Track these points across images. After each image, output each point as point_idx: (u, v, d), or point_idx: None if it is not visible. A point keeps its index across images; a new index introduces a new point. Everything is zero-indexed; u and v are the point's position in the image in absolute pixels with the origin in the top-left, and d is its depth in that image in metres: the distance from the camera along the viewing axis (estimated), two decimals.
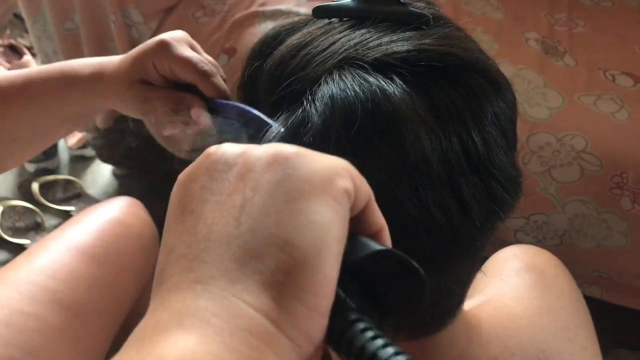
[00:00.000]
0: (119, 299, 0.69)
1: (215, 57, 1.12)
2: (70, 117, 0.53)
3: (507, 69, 0.99)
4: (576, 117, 0.94)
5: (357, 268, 0.24)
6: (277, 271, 0.21)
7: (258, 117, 0.36)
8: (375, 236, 0.26)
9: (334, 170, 0.23)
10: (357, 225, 0.25)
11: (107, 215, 0.73)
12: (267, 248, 0.21)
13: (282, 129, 0.33)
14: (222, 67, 1.14)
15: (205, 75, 0.46)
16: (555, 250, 0.64)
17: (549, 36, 1.06)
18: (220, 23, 1.08)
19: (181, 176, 0.26)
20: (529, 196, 0.98)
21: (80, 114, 0.54)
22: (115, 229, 0.71)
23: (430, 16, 0.36)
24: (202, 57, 0.47)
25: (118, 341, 0.81)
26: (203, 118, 0.45)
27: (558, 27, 1.09)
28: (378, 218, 0.26)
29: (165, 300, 0.22)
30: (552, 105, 0.95)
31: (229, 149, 0.25)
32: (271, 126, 0.34)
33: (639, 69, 1.00)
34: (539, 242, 0.99)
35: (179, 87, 0.48)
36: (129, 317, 0.72)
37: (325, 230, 0.22)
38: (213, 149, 0.25)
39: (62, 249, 0.68)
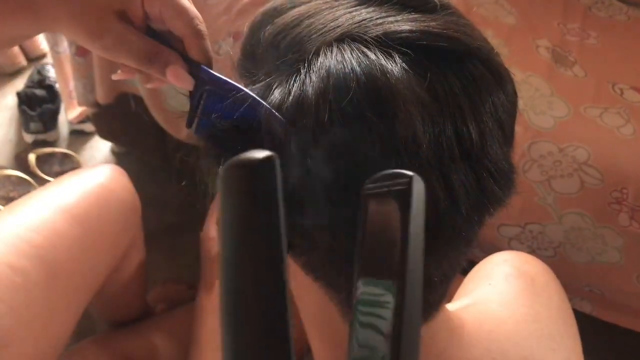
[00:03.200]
0: (96, 263, 0.69)
1: (222, 40, 1.11)
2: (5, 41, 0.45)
3: (515, 75, 0.97)
4: (581, 128, 0.93)
5: None
6: None
7: (251, 96, 0.34)
8: None
9: None
10: None
11: (92, 178, 0.74)
12: None
13: (274, 110, 0.32)
14: (226, 51, 1.13)
15: (197, 34, 0.40)
16: (548, 261, 0.63)
17: (560, 45, 1.05)
18: (229, 6, 1.07)
19: None
20: (526, 205, 0.97)
21: (18, 37, 0.46)
22: (99, 192, 0.72)
23: (438, 2, 0.35)
24: (198, 14, 0.41)
25: (91, 308, 0.81)
26: (183, 80, 0.39)
27: (570, 36, 1.07)
28: None
29: None
30: (557, 114, 0.94)
31: None
32: (267, 108, 0.33)
33: None
34: (532, 252, 0.98)
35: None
36: (104, 284, 0.71)
37: None
38: None
39: (45, 206, 0.68)
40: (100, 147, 1.51)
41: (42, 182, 1.38)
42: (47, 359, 0.61)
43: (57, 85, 1.52)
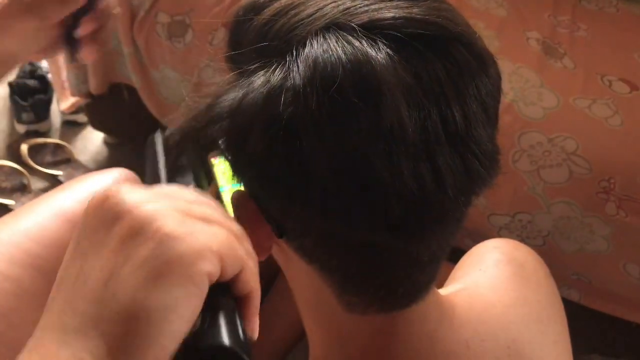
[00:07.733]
0: None
1: (215, 30, 1.11)
2: None
3: (505, 67, 0.99)
4: (570, 119, 0.94)
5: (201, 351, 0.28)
6: (122, 338, 0.27)
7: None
8: (245, 298, 0.32)
9: (200, 254, 0.28)
10: (233, 285, 0.31)
11: (101, 185, 0.71)
12: (119, 316, 0.27)
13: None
14: (219, 41, 1.13)
15: None
16: (537, 250, 0.64)
17: (550, 37, 1.06)
18: None
19: (91, 203, 0.31)
20: (516, 194, 0.99)
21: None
22: None
23: None
24: None
25: None
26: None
27: (560, 28, 1.09)
28: (249, 283, 0.31)
29: (40, 341, 0.28)
30: (547, 105, 0.95)
31: (125, 199, 0.30)
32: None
33: (636, 77, 1.00)
34: (522, 241, 0.99)
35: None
36: None
37: (171, 310, 0.27)
38: (114, 191, 0.30)
39: (49, 214, 0.66)
40: (93, 138, 1.51)
41: (34, 172, 1.38)
42: None
43: (49, 76, 1.52)
